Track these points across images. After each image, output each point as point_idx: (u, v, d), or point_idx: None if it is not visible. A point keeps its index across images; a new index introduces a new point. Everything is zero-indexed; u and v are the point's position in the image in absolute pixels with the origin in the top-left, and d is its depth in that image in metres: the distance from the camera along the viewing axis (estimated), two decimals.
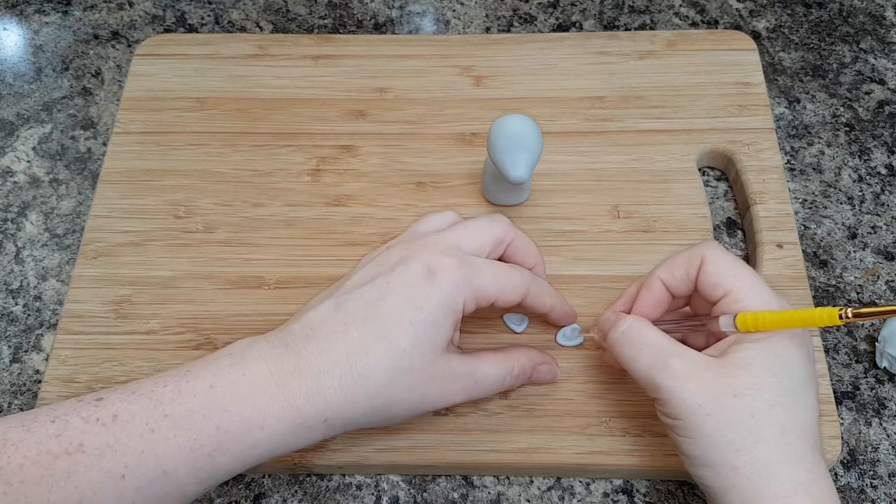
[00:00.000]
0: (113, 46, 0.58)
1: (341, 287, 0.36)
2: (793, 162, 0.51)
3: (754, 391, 0.32)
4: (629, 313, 0.39)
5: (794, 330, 0.34)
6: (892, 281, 0.47)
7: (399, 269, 0.35)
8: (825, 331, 0.45)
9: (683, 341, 0.40)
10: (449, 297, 0.34)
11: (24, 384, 0.44)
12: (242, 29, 0.58)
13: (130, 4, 0.60)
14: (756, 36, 0.57)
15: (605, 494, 0.40)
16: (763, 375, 0.32)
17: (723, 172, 0.50)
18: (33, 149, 0.53)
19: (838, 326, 0.45)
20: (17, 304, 0.47)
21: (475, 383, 0.37)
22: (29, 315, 0.46)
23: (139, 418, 0.31)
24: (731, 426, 0.32)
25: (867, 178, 0.50)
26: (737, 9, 0.58)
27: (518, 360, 0.38)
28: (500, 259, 0.39)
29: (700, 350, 0.39)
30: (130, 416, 0.31)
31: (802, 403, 0.33)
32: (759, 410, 0.32)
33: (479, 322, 0.43)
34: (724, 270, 0.35)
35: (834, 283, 0.47)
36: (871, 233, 0.48)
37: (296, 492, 0.41)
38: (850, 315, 0.31)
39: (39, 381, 0.43)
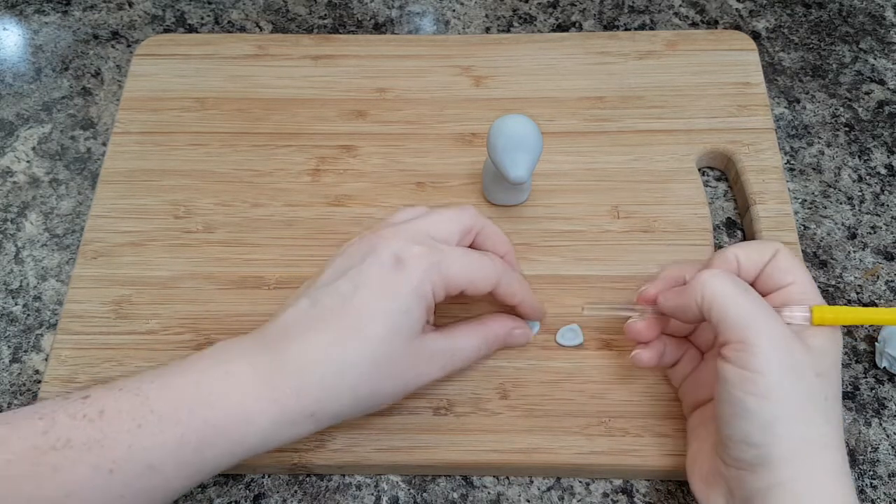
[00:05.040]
0: (113, 46, 0.58)
1: (315, 283, 0.37)
2: (793, 162, 0.51)
3: (831, 377, 0.33)
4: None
5: (841, 337, 0.35)
6: (891, 281, 0.47)
7: (368, 261, 0.35)
8: None
9: (678, 361, 0.40)
10: (418, 284, 0.35)
11: (24, 384, 0.44)
12: (242, 29, 0.58)
13: (130, 4, 0.60)
14: (756, 36, 0.57)
15: (605, 494, 0.40)
16: (834, 366, 0.34)
17: (723, 172, 0.50)
18: (33, 149, 0.53)
19: None
20: (16, 304, 0.47)
21: (454, 357, 0.38)
22: (29, 315, 0.46)
23: (126, 414, 0.31)
24: (808, 400, 0.32)
25: (867, 178, 0.50)
26: (737, 9, 0.58)
27: (492, 327, 0.40)
28: (470, 248, 0.39)
29: (690, 370, 0.40)
30: (117, 411, 0.31)
31: (840, 402, 0.34)
32: (831, 395, 0.33)
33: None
34: (796, 264, 0.36)
35: (834, 283, 0.47)
36: (870, 233, 0.48)
37: (296, 492, 0.41)
38: None
39: (39, 381, 0.43)
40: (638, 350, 0.39)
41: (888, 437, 0.42)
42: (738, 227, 0.48)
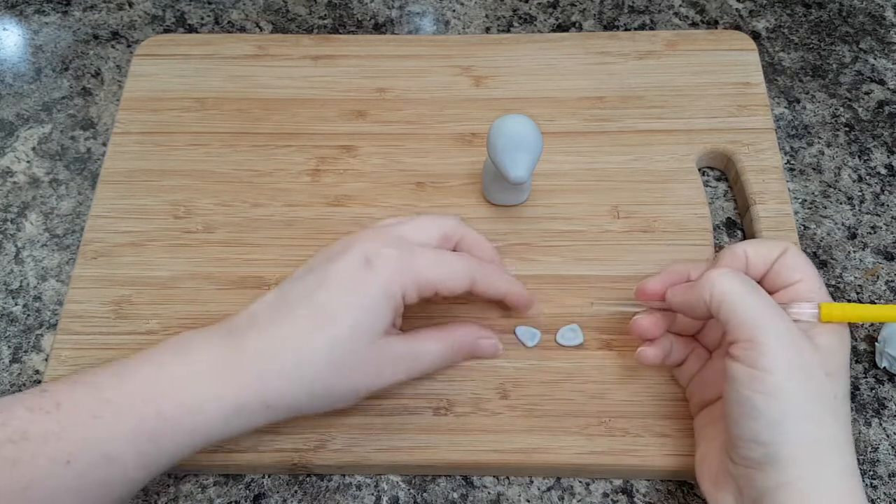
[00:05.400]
0: (113, 46, 0.58)
1: (288, 278, 0.37)
2: (793, 162, 0.51)
3: (840, 376, 0.33)
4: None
5: (849, 335, 0.35)
6: (891, 281, 0.47)
7: (339, 259, 0.36)
8: None
9: (684, 360, 0.40)
10: (386, 284, 0.35)
11: (24, 384, 0.44)
12: (242, 29, 0.58)
13: (130, 4, 0.60)
14: (756, 36, 0.57)
15: (605, 494, 0.40)
16: (842, 365, 0.34)
17: (723, 172, 0.50)
18: (33, 149, 0.53)
19: None
20: (16, 305, 0.47)
21: (416, 361, 0.38)
22: (29, 315, 0.46)
23: (82, 405, 0.32)
24: (817, 399, 0.32)
25: (867, 178, 0.50)
26: (737, 9, 0.58)
27: (457, 334, 0.40)
28: None
29: (697, 369, 0.40)
30: (73, 404, 0.32)
31: (849, 402, 0.34)
32: (840, 395, 0.33)
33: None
34: (805, 262, 0.36)
35: (834, 283, 0.47)
36: (870, 233, 0.48)
37: (296, 492, 0.41)
38: None
39: (39, 382, 0.43)
40: (643, 347, 0.39)
41: (888, 437, 0.42)
42: (738, 227, 0.48)
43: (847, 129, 0.52)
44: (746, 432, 0.32)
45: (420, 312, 0.42)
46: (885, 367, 0.43)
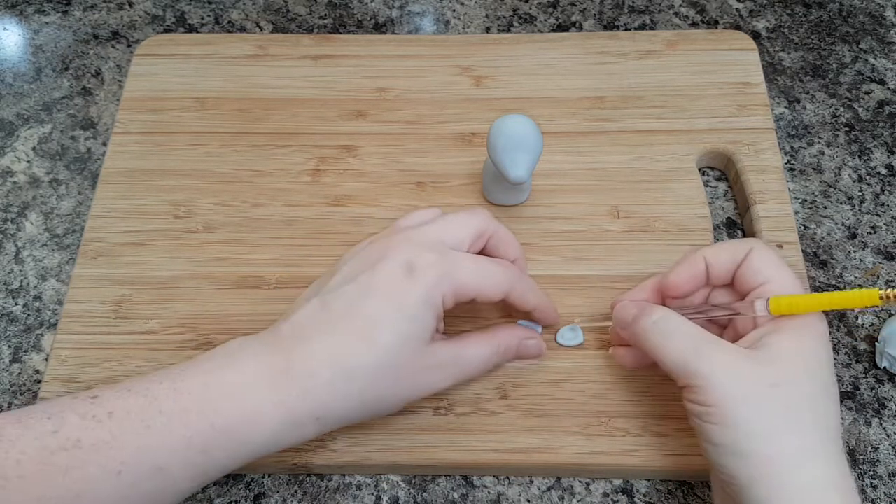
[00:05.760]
0: (113, 46, 0.58)
1: (326, 285, 0.36)
2: (793, 162, 0.51)
3: (791, 382, 0.32)
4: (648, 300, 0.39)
5: (821, 326, 0.34)
6: (892, 281, 0.47)
7: (379, 266, 0.35)
8: None
9: None
10: (428, 292, 0.35)
11: (24, 384, 0.44)
12: (242, 29, 0.58)
13: (130, 4, 0.60)
14: (756, 36, 0.57)
15: (605, 494, 0.40)
16: (799, 368, 0.33)
17: (723, 172, 0.50)
18: (33, 149, 0.53)
19: (838, 326, 0.45)
20: (17, 304, 0.47)
21: (462, 367, 0.38)
22: (29, 315, 0.46)
23: (135, 415, 0.31)
24: (767, 415, 0.32)
25: (867, 178, 0.50)
26: (737, 9, 0.58)
27: (503, 337, 0.39)
28: (481, 252, 0.39)
29: None
30: (126, 412, 0.31)
31: (832, 398, 0.33)
32: (794, 402, 0.32)
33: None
34: (769, 263, 0.35)
35: (834, 283, 0.47)
36: (871, 233, 0.48)
37: (296, 492, 0.41)
38: (891, 296, 0.30)
39: (39, 381, 0.43)
40: (617, 349, 0.40)
41: (888, 437, 0.42)
42: (738, 227, 0.48)
43: (847, 128, 0.52)
44: (713, 459, 0.33)
45: None
46: (885, 367, 0.43)
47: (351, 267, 0.37)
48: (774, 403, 0.32)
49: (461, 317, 0.43)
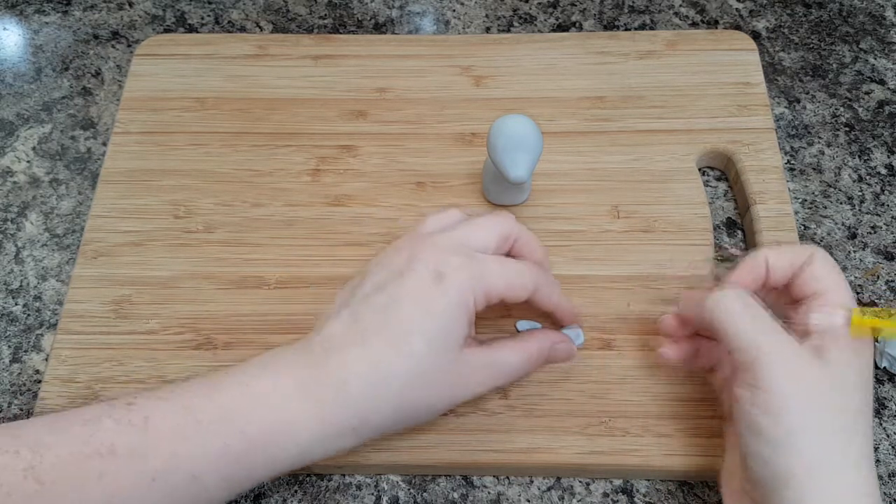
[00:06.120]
0: (113, 46, 0.58)
1: (355, 295, 0.36)
2: (793, 162, 0.51)
3: (847, 391, 0.33)
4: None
5: (871, 343, 0.34)
6: (892, 281, 0.47)
7: (408, 274, 0.35)
8: None
9: (716, 364, 0.40)
10: (459, 297, 0.35)
11: (24, 384, 0.44)
12: (242, 29, 0.58)
13: (130, 4, 0.60)
14: (756, 36, 0.57)
15: (605, 494, 0.40)
16: (856, 379, 0.33)
17: (723, 172, 0.50)
18: (33, 149, 0.53)
19: None
20: (17, 304, 0.47)
21: (497, 372, 0.37)
22: (29, 315, 0.46)
23: (170, 423, 0.31)
24: (819, 414, 0.32)
25: (867, 178, 0.50)
26: (737, 9, 0.58)
27: (536, 342, 0.39)
28: (506, 255, 0.39)
29: (728, 373, 0.39)
30: (161, 420, 0.31)
31: (871, 410, 0.34)
32: (848, 409, 0.32)
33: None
34: (831, 271, 0.35)
35: None
36: (871, 233, 0.48)
37: (296, 492, 0.41)
38: None
39: (39, 381, 0.43)
40: (665, 346, 0.39)
41: (888, 437, 0.42)
42: (738, 227, 0.48)
43: (847, 128, 0.52)
44: (753, 451, 0.33)
45: None
46: (885, 367, 0.43)
47: (379, 276, 0.36)
48: (829, 406, 0.32)
49: None
